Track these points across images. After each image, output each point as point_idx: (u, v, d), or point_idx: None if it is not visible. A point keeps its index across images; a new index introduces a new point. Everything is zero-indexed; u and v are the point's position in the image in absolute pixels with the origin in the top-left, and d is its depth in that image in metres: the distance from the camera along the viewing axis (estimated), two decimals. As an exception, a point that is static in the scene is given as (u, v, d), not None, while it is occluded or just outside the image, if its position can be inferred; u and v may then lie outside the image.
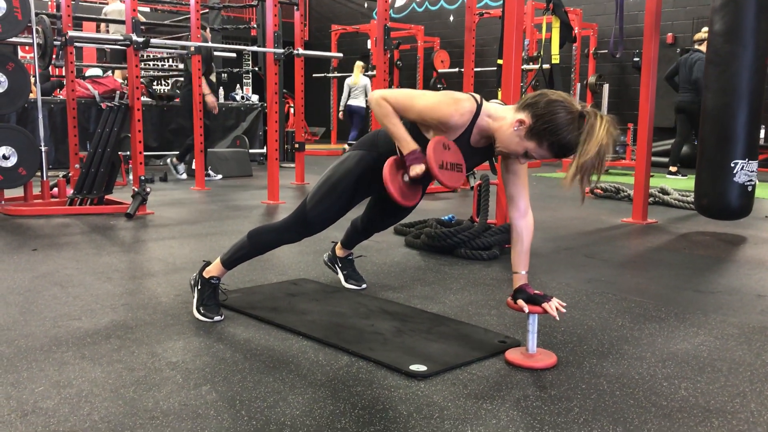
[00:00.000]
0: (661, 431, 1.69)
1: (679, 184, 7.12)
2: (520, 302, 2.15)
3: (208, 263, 2.62)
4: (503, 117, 2.16)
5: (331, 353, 2.20)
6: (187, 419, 1.71)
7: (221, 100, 7.95)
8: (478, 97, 2.22)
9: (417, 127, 2.28)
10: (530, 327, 2.15)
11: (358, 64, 11.28)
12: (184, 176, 7.60)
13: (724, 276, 3.39)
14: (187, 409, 1.77)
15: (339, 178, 2.44)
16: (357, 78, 11.21)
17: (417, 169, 2.21)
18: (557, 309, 2.12)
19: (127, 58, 5.11)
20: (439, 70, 12.37)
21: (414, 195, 2.36)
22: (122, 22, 6.63)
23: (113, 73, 9.34)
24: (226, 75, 10.21)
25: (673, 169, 8.45)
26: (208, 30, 7.39)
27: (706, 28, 8.20)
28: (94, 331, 2.38)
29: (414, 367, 2.04)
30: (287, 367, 2.07)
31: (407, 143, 2.23)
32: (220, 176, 7.75)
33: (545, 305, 2.12)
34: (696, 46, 8.35)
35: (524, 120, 2.07)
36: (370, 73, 11.20)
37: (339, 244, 3.07)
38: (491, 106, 2.22)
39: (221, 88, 9.31)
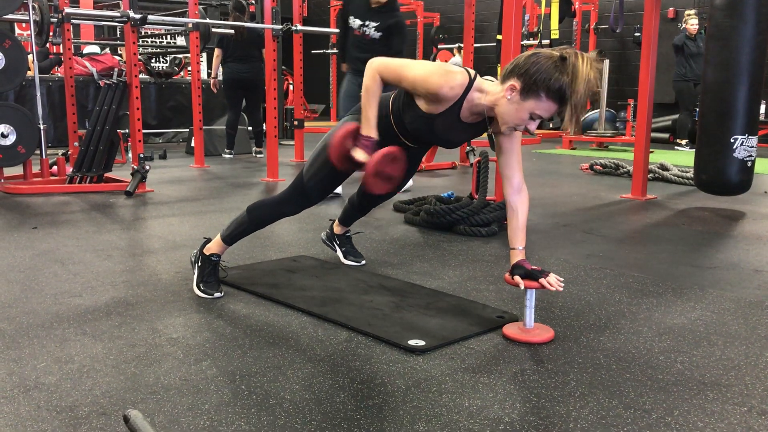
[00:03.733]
0: (657, 404, 1.71)
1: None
2: (516, 278, 2.16)
3: (208, 240, 2.62)
4: (495, 92, 2.15)
5: (330, 328, 2.22)
6: (187, 394, 1.73)
7: (219, 77, 7.93)
8: (472, 72, 2.21)
9: (410, 96, 2.28)
10: (528, 302, 2.16)
11: (460, 46, 11.57)
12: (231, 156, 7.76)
13: (721, 251, 3.41)
14: (187, 384, 1.78)
15: None
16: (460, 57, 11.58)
17: (359, 155, 2.23)
18: (554, 285, 2.14)
19: (124, 36, 5.09)
20: (439, 46, 12.30)
21: (351, 165, 2.31)
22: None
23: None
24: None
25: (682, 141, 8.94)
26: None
27: (689, 11, 8.28)
28: (94, 307, 2.40)
29: (412, 342, 2.06)
30: (287, 343, 2.09)
31: (369, 127, 2.25)
32: (230, 154, 7.77)
33: (542, 280, 2.13)
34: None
35: (514, 84, 2.07)
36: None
37: (336, 222, 3.07)
38: (484, 82, 2.20)
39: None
